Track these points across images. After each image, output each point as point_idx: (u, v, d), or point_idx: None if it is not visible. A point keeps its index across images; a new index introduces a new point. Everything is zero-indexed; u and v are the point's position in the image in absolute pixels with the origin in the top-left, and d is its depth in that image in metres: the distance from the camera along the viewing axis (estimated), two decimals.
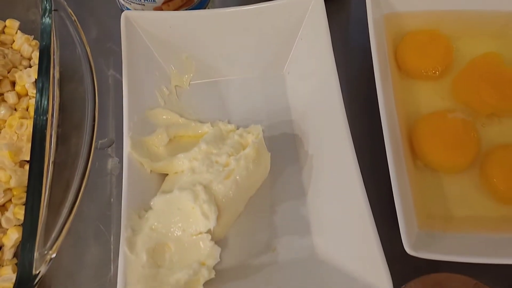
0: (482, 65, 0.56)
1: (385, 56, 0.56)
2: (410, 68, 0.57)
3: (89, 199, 0.54)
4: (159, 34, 0.56)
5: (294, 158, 0.55)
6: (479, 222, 0.50)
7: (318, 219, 0.51)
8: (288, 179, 0.53)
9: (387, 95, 0.52)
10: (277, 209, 0.52)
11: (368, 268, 0.43)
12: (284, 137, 0.56)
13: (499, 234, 0.48)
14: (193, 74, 0.59)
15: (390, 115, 0.51)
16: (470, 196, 0.51)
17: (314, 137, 0.54)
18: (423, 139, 0.52)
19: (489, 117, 0.55)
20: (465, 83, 0.56)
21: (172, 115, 0.55)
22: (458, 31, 0.60)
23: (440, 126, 0.52)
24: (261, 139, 0.50)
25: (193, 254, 0.45)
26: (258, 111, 0.58)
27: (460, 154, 0.51)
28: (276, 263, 0.49)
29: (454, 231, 0.49)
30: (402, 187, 0.47)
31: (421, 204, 0.50)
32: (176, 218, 0.46)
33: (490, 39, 0.60)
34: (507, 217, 0.50)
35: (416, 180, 0.51)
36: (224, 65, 0.59)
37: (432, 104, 0.56)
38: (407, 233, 0.43)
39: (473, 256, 0.43)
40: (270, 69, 0.59)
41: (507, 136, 0.54)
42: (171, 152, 0.52)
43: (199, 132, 0.54)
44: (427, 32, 0.58)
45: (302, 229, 0.51)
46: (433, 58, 0.56)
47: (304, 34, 0.57)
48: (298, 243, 0.50)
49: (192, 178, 0.48)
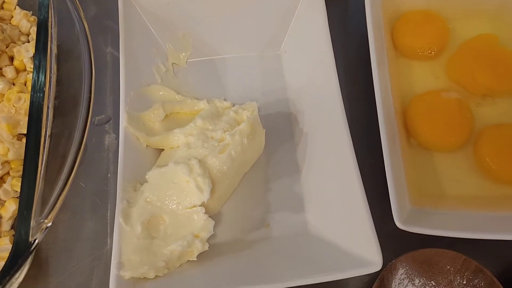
0: (477, 46, 0.56)
1: (381, 36, 0.56)
2: (406, 47, 0.57)
3: (86, 174, 0.55)
4: (157, 11, 0.57)
5: (289, 136, 0.55)
6: (470, 200, 0.50)
7: (311, 196, 0.51)
8: (283, 157, 0.54)
9: (382, 75, 0.52)
10: (271, 185, 0.53)
11: (360, 243, 0.44)
12: (280, 115, 0.57)
13: (489, 212, 0.49)
14: (190, 52, 0.59)
15: (384, 94, 0.51)
16: (462, 174, 0.52)
17: (309, 115, 0.54)
18: (416, 118, 0.52)
19: (483, 98, 0.55)
20: (459, 63, 0.56)
21: (169, 92, 0.55)
22: (455, 12, 0.60)
23: (434, 105, 0.53)
24: (256, 116, 0.51)
25: (187, 226, 0.46)
26: (254, 89, 0.58)
27: (453, 133, 0.52)
28: (269, 238, 0.50)
29: (446, 208, 0.49)
30: (395, 165, 0.47)
31: (414, 181, 0.50)
32: (171, 191, 0.47)
33: (486, 20, 0.60)
34: (498, 196, 0.51)
35: (410, 158, 0.52)
36: (221, 43, 0.60)
37: (427, 84, 0.56)
38: (398, 208, 0.44)
39: (461, 232, 0.44)
40: (267, 48, 0.60)
41: (501, 116, 0.54)
42: (167, 128, 0.53)
43: (195, 109, 0.54)
44: (423, 13, 0.59)
45: (296, 206, 0.51)
46: (429, 38, 0.57)
47: (300, 13, 0.57)
48: (292, 219, 0.51)
49: (188, 152, 0.49)
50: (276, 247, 0.49)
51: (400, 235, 0.45)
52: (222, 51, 0.60)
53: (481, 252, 0.48)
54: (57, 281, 0.50)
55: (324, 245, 0.47)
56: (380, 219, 0.45)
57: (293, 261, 0.47)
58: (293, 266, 0.46)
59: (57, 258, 0.51)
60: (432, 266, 0.47)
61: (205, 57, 0.60)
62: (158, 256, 0.44)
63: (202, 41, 0.59)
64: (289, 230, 0.50)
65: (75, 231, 0.52)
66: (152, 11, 0.56)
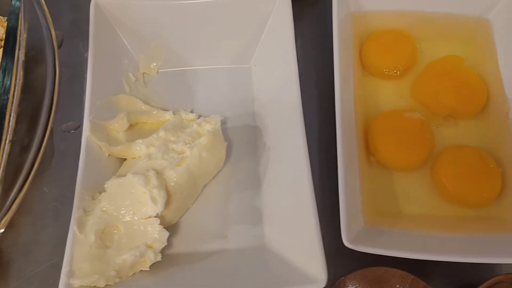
0: (443, 68, 0.57)
1: (349, 54, 0.57)
2: (373, 66, 0.58)
3: (51, 180, 0.55)
4: (129, 21, 0.58)
5: (253, 149, 0.56)
6: (426, 220, 0.51)
7: (269, 209, 0.52)
8: (245, 170, 0.55)
9: (346, 92, 0.53)
10: (231, 198, 0.53)
11: (308, 260, 0.45)
12: (245, 129, 0.57)
13: (443, 233, 0.49)
14: (161, 63, 0.60)
15: (346, 112, 0.52)
16: (420, 194, 0.52)
17: (273, 130, 0.55)
18: (377, 137, 0.53)
19: (446, 119, 0.56)
20: (424, 84, 0.57)
21: (136, 102, 0.56)
22: (425, 33, 0.61)
23: (395, 125, 0.53)
24: (217, 129, 0.51)
25: (141, 237, 0.46)
26: (223, 101, 0.59)
27: (412, 153, 0.53)
28: (225, 250, 0.50)
29: (401, 227, 0.50)
30: (350, 182, 0.48)
31: (370, 200, 0.51)
32: (128, 201, 0.47)
33: (457, 42, 0.61)
34: (453, 217, 0.51)
35: (368, 176, 0.52)
36: (193, 55, 0.60)
37: (392, 103, 0.57)
38: (347, 226, 0.44)
39: (409, 252, 0.44)
40: (237, 61, 0.61)
41: (462, 138, 0.55)
42: (132, 138, 0.53)
43: (160, 120, 0.55)
44: (392, 32, 0.59)
45: (254, 219, 0.52)
46: (395, 58, 0.57)
47: (271, 28, 0.58)
48: (249, 232, 0.51)
49: (148, 163, 0.49)
50: (231, 259, 0.50)
51: (354, 252, 0.45)
52: (193, 63, 0.61)
53: (431, 272, 0.49)
54: (16, 285, 0.51)
55: (277, 259, 0.48)
56: (335, 235, 0.46)
57: (247, 274, 0.48)
58: (246, 278, 0.47)
59: (17, 261, 0.51)
60: (382, 285, 0.47)
61: (176, 68, 0.61)
62: (110, 265, 0.45)
63: (173, 52, 0.60)
64: (246, 242, 0.51)
65: (35, 236, 0.52)
66: (125, 21, 0.57)
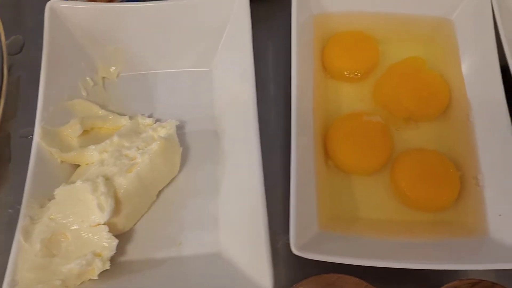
0: (404, 69, 0.56)
1: (309, 57, 0.56)
2: (333, 69, 0.57)
3: (8, 186, 0.55)
4: (86, 25, 0.57)
5: (210, 154, 0.55)
6: (384, 225, 0.50)
7: (225, 216, 0.51)
8: (203, 175, 0.54)
9: (303, 95, 0.52)
10: (188, 204, 0.52)
11: (256, 267, 0.44)
12: (204, 133, 0.56)
13: (401, 238, 0.49)
14: (122, 66, 0.59)
15: (303, 115, 0.51)
16: (379, 199, 0.52)
17: (230, 134, 0.54)
18: (334, 140, 0.52)
19: (407, 121, 0.55)
20: (385, 86, 0.56)
21: (92, 107, 0.55)
22: (388, 34, 0.60)
23: (353, 128, 0.53)
24: (171, 134, 0.51)
25: (89, 245, 0.46)
26: (183, 105, 0.58)
27: (370, 157, 0.52)
28: (179, 257, 0.49)
29: (358, 233, 0.49)
30: (303, 187, 0.47)
31: (327, 204, 0.50)
32: (77, 209, 0.46)
33: (420, 43, 0.60)
34: (411, 221, 0.51)
35: (325, 180, 0.51)
36: (153, 58, 0.60)
37: (353, 106, 0.56)
38: (297, 233, 0.44)
39: (360, 259, 0.44)
40: (198, 64, 0.60)
41: (423, 141, 0.54)
42: (86, 143, 0.52)
43: (117, 125, 0.54)
44: (353, 34, 0.59)
45: (210, 225, 0.51)
46: (356, 60, 0.57)
47: (230, 31, 0.57)
48: (204, 239, 0.50)
49: (99, 170, 0.49)
50: (185, 266, 0.49)
51: None
52: (154, 66, 0.60)
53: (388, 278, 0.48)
54: None
55: (230, 267, 0.47)
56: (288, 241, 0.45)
57: (200, 281, 0.47)
58: (199, 286, 0.46)
59: None
60: None
61: (137, 72, 0.60)
62: (56, 274, 0.44)
63: (134, 55, 0.59)
64: (201, 249, 0.50)
65: None
66: (82, 25, 0.56)
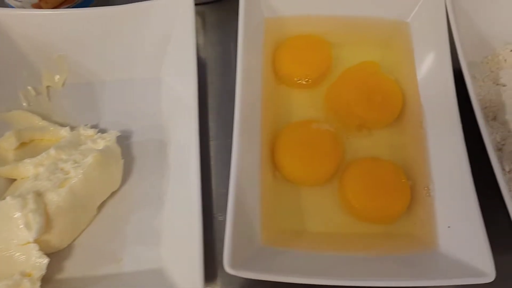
0: (357, 75, 0.54)
1: (258, 62, 0.54)
2: (283, 75, 0.55)
3: None
4: (27, 32, 0.55)
5: (156, 165, 0.53)
6: (333, 238, 0.48)
7: (167, 230, 0.49)
8: (147, 187, 0.52)
9: (249, 103, 0.50)
10: (131, 218, 0.50)
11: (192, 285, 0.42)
12: (151, 143, 0.54)
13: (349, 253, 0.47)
14: (67, 75, 0.57)
15: (247, 124, 0.49)
16: (328, 211, 0.50)
17: (175, 144, 0.52)
18: (281, 150, 0.50)
19: (359, 129, 0.53)
20: (337, 92, 0.54)
21: (32, 118, 0.53)
22: (343, 38, 0.58)
23: (301, 137, 0.51)
24: (110, 146, 0.49)
25: (18, 264, 0.44)
26: (130, 115, 0.56)
27: (318, 168, 0.50)
28: (119, 274, 0.47)
29: (305, 247, 0.47)
30: (243, 200, 0.45)
31: (272, 218, 0.48)
32: (6, 226, 0.44)
33: (375, 47, 0.58)
34: (360, 234, 0.49)
35: (272, 192, 0.49)
36: (100, 66, 0.58)
37: (305, 114, 0.54)
38: (232, 250, 0.42)
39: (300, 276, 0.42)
40: (146, 72, 0.58)
41: (375, 149, 0.52)
42: (24, 156, 0.50)
43: (57, 136, 0.52)
44: (305, 38, 0.57)
45: (152, 240, 0.49)
46: (306, 66, 0.54)
47: (176, 37, 0.55)
48: (146, 255, 0.48)
49: (32, 185, 0.47)
50: (125, 282, 0.47)
51: None
52: (101, 74, 0.58)
53: None
54: None
55: (170, 283, 0.45)
56: None
57: None
58: None
59: None
60: None
61: (83, 80, 0.58)
62: None
63: (80, 63, 0.57)
64: (142, 265, 0.48)
65: None
66: (22, 33, 0.54)
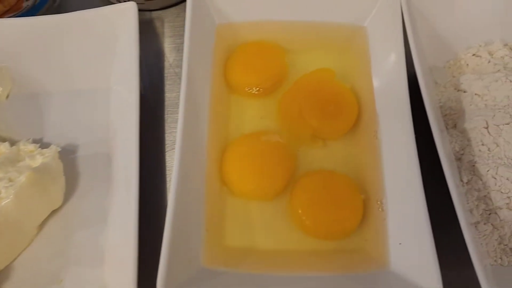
0: (310, 83, 0.52)
1: (207, 71, 0.52)
2: (233, 84, 0.53)
3: None
4: None
5: (102, 181, 0.51)
6: (282, 257, 0.46)
7: (111, 249, 0.47)
8: (92, 204, 0.50)
9: (194, 114, 0.48)
10: (74, 236, 0.48)
11: None
12: (98, 157, 0.52)
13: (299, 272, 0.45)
14: (10, 87, 0.55)
15: (192, 136, 0.47)
16: (277, 226, 0.48)
17: (119, 158, 0.50)
18: (228, 164, 0.48)
19: (314, 140, 0.51)
20: (289, 101, 0.52)
21: None
22: (299, 44, 0.56)
23: (248, 150, 0.49)
24: (48, 163, 0.47)
25: None
26: (78, 128, 0.54)
27: (266, 182, 0.48)
28: None
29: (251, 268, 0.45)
30: (183, 217, 0.43)
31: (218, 235, 0.46)
32: None
33: (332, 53, 0.56)
34: (311, 250, 0.47)
35: (218, 208, 0.47)
36: (47, 77, 0.55)
37: (256, 125, 0.52)
38: (167, 273, 0.40)
39: None
40: (94, 82, 0.55)
41: (329, 161, 0.50)
42: None
43: None
44: (258, 45, 0.54)
45: (95, 260, 0.47)
46: (256, 74, 0.52)
47: (121, 45, 0.53)
48: (88, 276, 0.46)
49: None
50: None
51: None
52: (48, 86, 0.56)
53: None
54: None
55: None
56: None
57: None
58: None
59: None
60: None
61: (29, 92, 0.56)
62: None
63: (25, 74, 0.55)
64: (83, 286, 0.46)
65: None
66: None
